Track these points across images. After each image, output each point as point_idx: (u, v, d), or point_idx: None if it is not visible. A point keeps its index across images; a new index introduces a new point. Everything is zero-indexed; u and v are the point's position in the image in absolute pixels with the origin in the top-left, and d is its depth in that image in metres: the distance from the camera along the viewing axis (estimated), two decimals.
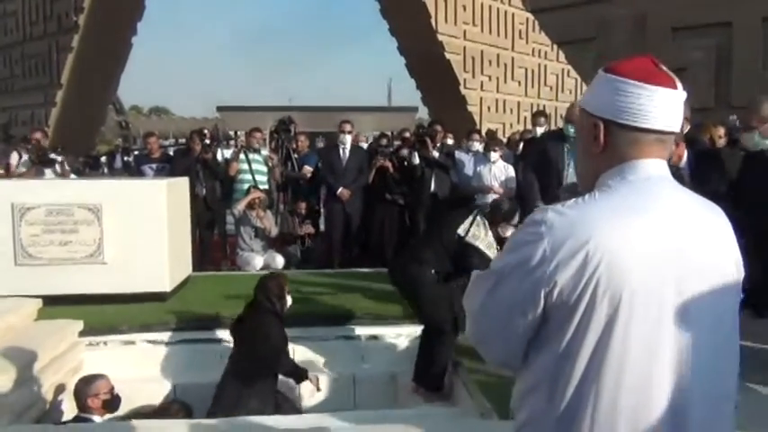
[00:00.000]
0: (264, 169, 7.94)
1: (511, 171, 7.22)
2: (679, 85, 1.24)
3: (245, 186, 7.60)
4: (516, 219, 4.36)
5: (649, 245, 1.15)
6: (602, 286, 1.12)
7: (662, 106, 1.21)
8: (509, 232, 4.26)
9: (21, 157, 8.12)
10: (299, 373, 4.37)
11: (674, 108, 1.23)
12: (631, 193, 1.20)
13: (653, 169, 1.23)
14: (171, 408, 4.34)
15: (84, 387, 3.95)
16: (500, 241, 4.29)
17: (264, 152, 8.20)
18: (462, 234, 4.28)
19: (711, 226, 1.23)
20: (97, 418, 3.89)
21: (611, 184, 1.22)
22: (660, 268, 1.14)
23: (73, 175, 8.45)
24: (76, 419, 3.92)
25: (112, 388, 4.00)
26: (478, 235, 4.27)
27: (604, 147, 1.25)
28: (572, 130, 5.27)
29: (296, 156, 8.30)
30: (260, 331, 4.29)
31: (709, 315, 1.18)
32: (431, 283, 4.27)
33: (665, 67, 1.25)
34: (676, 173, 3.94)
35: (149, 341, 4.98)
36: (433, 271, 4.30)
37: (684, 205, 1.22)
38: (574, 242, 1.13)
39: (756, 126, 3.79)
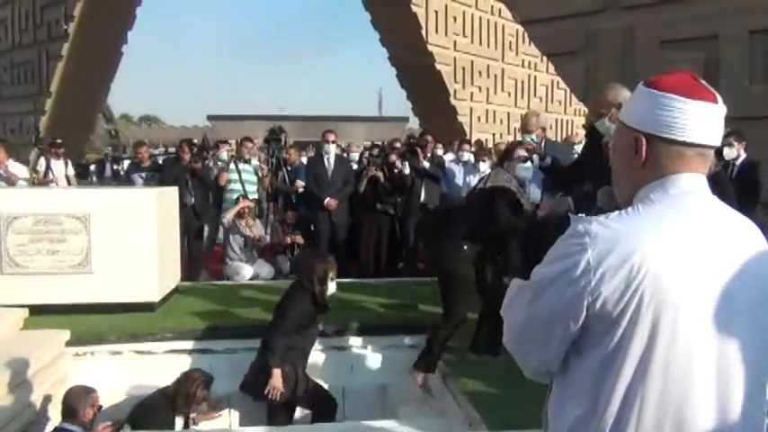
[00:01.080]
0: (254, 179, 7.94)
1: None
2: (719, 99, 1.25)
3: (235, 196, 7.59)
4: (522, 153, 4.66)
5: (692, 258, 1.17)
6: (646, 298, 1.13)
7: (703, 120, 1.23)
8: (521, 171, 4.60)
9: (48, 163, 8.20)
10: (271, 362, 4.29)
11: (715, 122, 1.25)
12: (673, 207, 1.22)
13: (693, 183, 1.25)
14: (192, 375, 4.33)
15: (85, 396, 3.89)
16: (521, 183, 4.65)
17: (255, 162, 8.20)
18: (482, 185, 4.58)
19: (749, 239, 1.26)
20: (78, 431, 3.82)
21: (654, 198, 1.24)
22: (703, 282, 1.16)
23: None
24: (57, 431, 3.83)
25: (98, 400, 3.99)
26: (496, 178, 4.57)
27: (645, 160, 1.26)
28: (528, 139, 5.39)
29: (288, 167, 8.30)
30: (286, 302, 4.48)
31: (752, 328, 1.20)
32: (462, 277, 4.44)
33: (704, 82, 1.27)
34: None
35: (137, 351, 4.94)
36: (465, 247, 4.46)
37: (723, 219, 1.25)
38: (619, 254, 1.15)
39: (604, 113, 3.79)
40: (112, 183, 10.70)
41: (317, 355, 4.98)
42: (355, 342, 5.11)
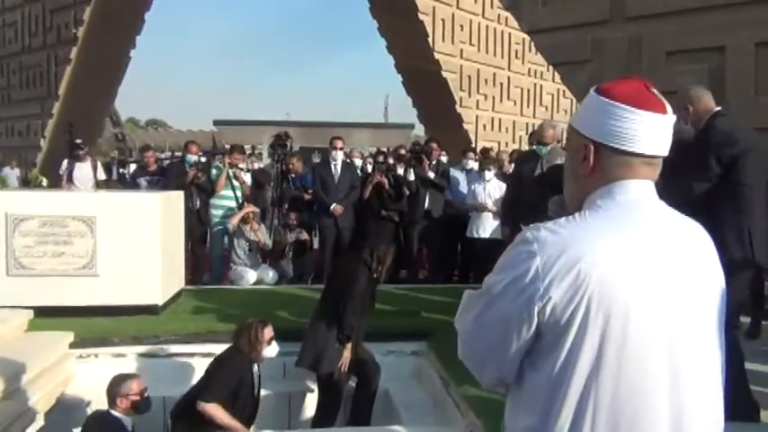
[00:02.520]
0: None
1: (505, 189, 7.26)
2: (669, 109, 1.25)
3: (226, 204, 7.64)
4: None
5: (639, 263, 1.16)
6: (594, 303, 1.13)
7: (651, 131, 1.23)
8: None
9: (72, 167, 8.26)
10: (346, 334, 4.46)
11: (663, 133, 1.25)
12: (620, 213, 1.22)
13: (641, 190, 1.25)
14: (247, 323, 4.32)
15: (116, 386, 3.90)
16: None
17: (246, 170, 8.19)
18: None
19: (696, 244, 1.26)
20: (124, 418, 3.86)
21: (601, 204, 1.24)
22: (650, 285, 1.16)
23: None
24: (105, 414, 3.88)
25: (144, 389, 3.92)
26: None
27: (593, 168, 1.26)
28: (544, 151, 5.37)
29: (292, 175, 8.31)
30: (351, 275, 4.58)
31: (703, 332, 1.21)
32: None
33: (656, 91, 1.26)
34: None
35: (140, 354, 4.96)
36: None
37: (670, 224, 1.25)
38: (566, 259, 1.14)
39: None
40: (118, 186, 10.75)
41: None
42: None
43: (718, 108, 4.08)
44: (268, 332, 4.23)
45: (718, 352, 1.25)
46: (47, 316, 5.11)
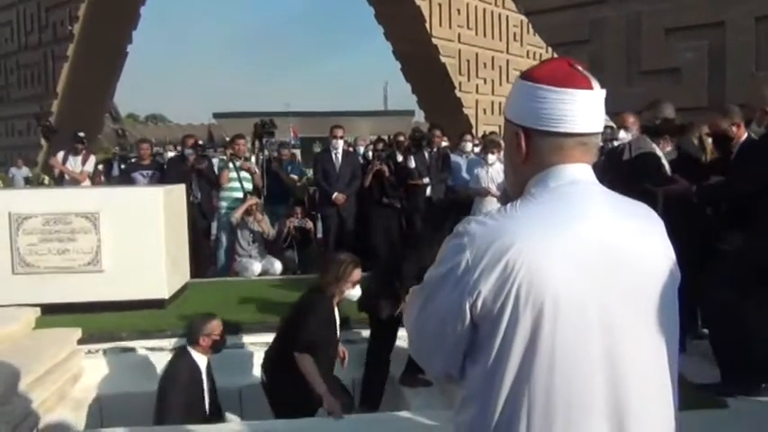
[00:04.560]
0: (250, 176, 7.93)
1: None
2: (595, 84, 1.22)
3: (234, 195, 7.62)
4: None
5: (571, 251, 1.13)
6: (523, 295, 1.10)
7: (580, 109, 1.20)
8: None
9: (65, 159, 8.39)
10: (401, 291, 4.22)
11: (593, 109, 1.22)
12: (553, 200, 1.19)
13: (576, 174, 1.22)
14: (339, 257, 4.26)
15: (200, 325, 4.14)
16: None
17: (253, 160, 8.16)
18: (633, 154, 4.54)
19: (638, 226, 1.22)
20: (201, 358, 4.11)
21: (534, 192, 1.22)
22: (583, 273, 1.13)
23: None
24: (184, 352, 4.14)
25: (223, 331, 4.20)
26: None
27: (527, 155, 1.24)
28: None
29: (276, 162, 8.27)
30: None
31: (642, 313, 1.17)
32: None
33: (580, 68, 1.23)
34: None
35: (148, 348, 4.98)
36: None
37: (608, 208, 1.21)
38: (494, 252, 1.12)
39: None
40: (120, 182, 10.74)
41: None
42: (366, 334, 5.12)
43: None
44: (357, 274, 4.15)
45: (665, 339, 1.20)
46: (54, 313, 5.14)
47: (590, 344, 1.12)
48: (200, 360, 4.13)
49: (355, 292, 4.21)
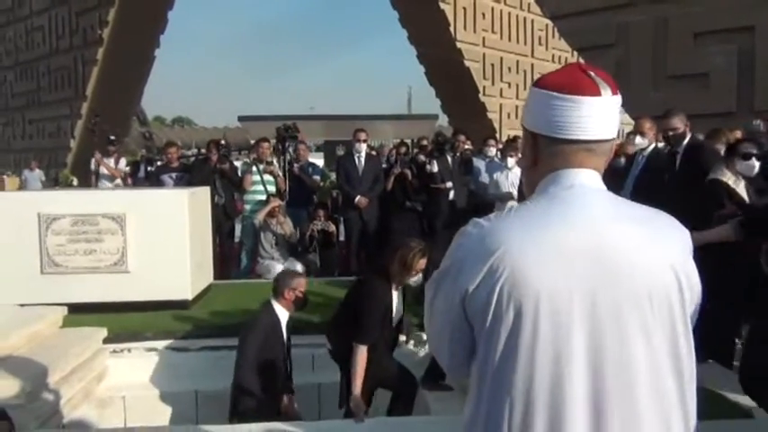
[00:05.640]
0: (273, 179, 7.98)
1: None
2: (605, 90, 1.21)
3: (257, 198, 7.68)
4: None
5: (558, 253, 1.13)
6: (505, 295, 1.13)
7: (586, 116, 1.20)
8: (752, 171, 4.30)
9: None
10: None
11: (601, 116, 1.21)
12: (547, 204, 1.20)
13: (577, 179, 1.22)
14: (410, 243, 4.17)
15: (287, 278, 4.29)
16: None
17: (275, 163, 8.21)
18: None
19: (641, 233, 1.19)
20: (283, 312, 4.22)
21: (533, 197, 1.25)
22: (569, 276, 1.13)
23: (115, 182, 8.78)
24: (269, 305, 4.25)
25: (305, 291, 4.29)
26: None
27: (535, 160, 1.26)
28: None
29: (297, 164, 8.31)
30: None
31: (630, 317, 1.14)
32: None
33: (593, 73, 1.22)
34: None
35: (172, 348, 5.05)
36: None
37: (606, 213, 1.19)
38: (482, 252, 1.15)
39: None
40: (146, 184, 10.92)
41: None
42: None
43: None
44: (423, 263, 4.14)
45: (660, 345, 1.16)
46: (80, 312, 5.23)
47: (572, 344, 1.12)
48: (282, 314, 4.23)
49: (416, 279, 4.22)
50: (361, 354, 3.95)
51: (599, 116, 1.21)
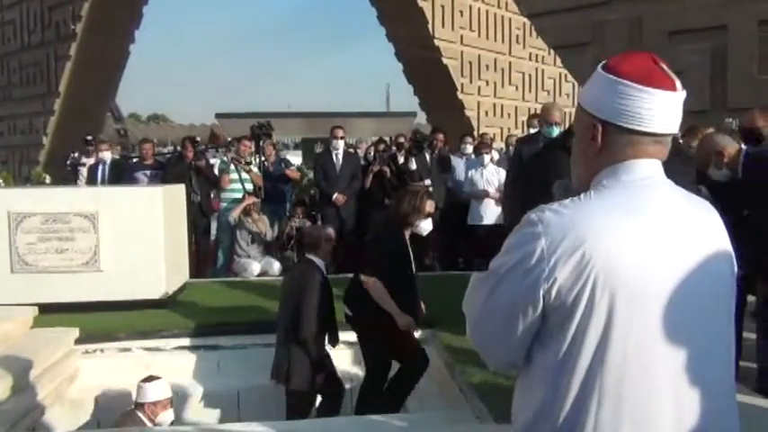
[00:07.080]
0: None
1: (503, 174, 7.18)
2: (678, 85, 1.23)
3: (234, 196, 7.62)
4: None
5: (643, 244, 1.15)
6: (600, 285, 1.12)
7: (661, 109, 1.20)
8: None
9: (78, 161, 8.41)
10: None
11: (673, 110, 1.22)
12: (626, 194, 1.20)
13: (647, 170, 1.23)
14: (415, 188, 4.56)
15: (318, 231, 4.66)
16: None
17: (255, 162, 8.16)
18: None
19: (704, 224, 1.24)
20: (321, 263, 4.45)
21: (606, 184, 1.23)
22: (654, 267, 1.14)
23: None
24: (308, 260, 4.50)
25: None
26: None
27: (601, 148, 1.25)
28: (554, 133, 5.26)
29: (268, 163, 8.27)
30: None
31: (706, 310, 1.18)
32: None
33: (665, 66, 1.23)
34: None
35: (146, 348, 4.98)
36: None
37: (677, 204, 1.22)
38: (571, 241, 1.13)
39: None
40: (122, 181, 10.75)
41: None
42: None
43: None
44: (430, 205, 4.22)
45: (728, 334, 1.23)
46: (52, 312, 5.13)
47: (664, 344, 1.14)
48: (321, 264, 4.47)
49: (426, 225, 4.25)
50: (375, 283, 4.00)
51: (672, 110, 1.23)
